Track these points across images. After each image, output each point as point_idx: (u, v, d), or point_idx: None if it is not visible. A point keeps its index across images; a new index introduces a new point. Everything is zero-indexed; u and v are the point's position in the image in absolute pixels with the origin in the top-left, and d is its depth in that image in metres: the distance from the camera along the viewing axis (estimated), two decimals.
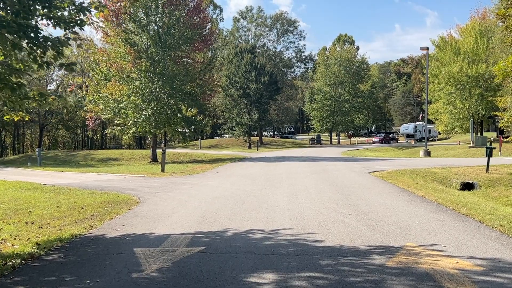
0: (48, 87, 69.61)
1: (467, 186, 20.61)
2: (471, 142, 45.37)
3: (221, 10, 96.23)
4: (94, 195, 14.75)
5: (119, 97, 34.29)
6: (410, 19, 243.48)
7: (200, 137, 75.51)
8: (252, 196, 13.51)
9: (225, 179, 18.99)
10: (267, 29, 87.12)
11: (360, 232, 8.56)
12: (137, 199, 13.57)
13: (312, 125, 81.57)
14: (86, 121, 45.68)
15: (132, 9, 34.09)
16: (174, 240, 8.02)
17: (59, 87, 49.30)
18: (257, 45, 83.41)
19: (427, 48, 38.02)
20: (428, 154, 36.59)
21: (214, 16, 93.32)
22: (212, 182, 17.85)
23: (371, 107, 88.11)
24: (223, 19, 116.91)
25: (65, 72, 68.88)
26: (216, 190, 15.19)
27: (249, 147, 64.33)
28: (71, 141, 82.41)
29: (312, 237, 8.12)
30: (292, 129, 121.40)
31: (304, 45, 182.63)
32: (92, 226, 9.50)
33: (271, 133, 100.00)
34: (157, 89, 34.65)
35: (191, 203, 12.39)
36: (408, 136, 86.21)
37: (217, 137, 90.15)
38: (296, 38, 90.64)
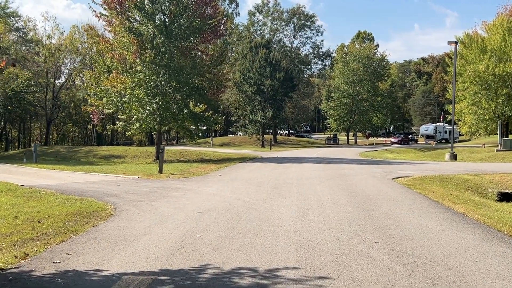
0: (57, 80, 67.86)
1: (505, 197, 17.93)
2: (499, 145, 42.26)
3: (237, 5, 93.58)
4: (66, 203, 12.36)
5: (122, 90, 32.01)
6: (429, 19, 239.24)
7: (212, 135, 73.24)
8: (253, 210, 10.96)
9: (226, 185, 16.44)
10: (283, 23, 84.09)
11: (395, 276, 5.96)
12: (112, 210, 11.13)
13: (328, 124, 78.94)
14: (91, 115, 43.57)
15: None
16: (123, 287, 5.51)
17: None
18: (273, 40, 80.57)
19: (456, 43, 35.11)
20: (454, 157, 33.71)
21: (230, 11, 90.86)
22: (210, 188, 15.32)
23: (390, 107, 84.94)
24: (239, 13, 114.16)
25: (75, 64, 67.17)
26: (211, 200, 12.66)
27: (262, 145, 61.78)
28: (80, 136, 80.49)
29: (325, 286, 5.56)
30: (308, 128, 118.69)
31: (322, 41, 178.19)
32: (27, 254, 7.02)
33: (286, 132, 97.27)
34: (163, 83, 32.28)
35: (174, 219, 9.88)
36: (428, 137, 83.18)
37: (231, 135, 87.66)
38: (313, 34, 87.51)
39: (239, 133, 78.03)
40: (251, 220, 9.68)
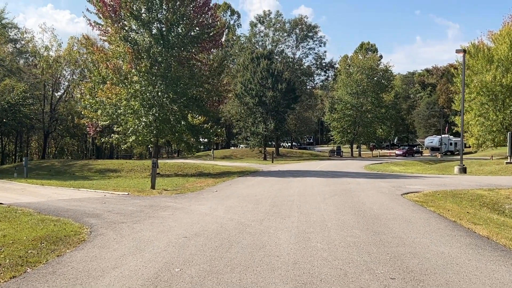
0: (56, 93, 66.86)
1: None
2: (508, 157, 40.80)
3: (238, 16, 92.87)
4: (39, 225, 10.99)
5: (117, 102, 30.78)
6: (432, 32, 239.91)
7: (213, 147, 72.00)
8: (247, 234, 9.58)
9: (220, 202, 15.04)
10: (285, 34, 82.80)
11: None
12: (86, 234, 9.76)
13: (332, 136, 77.62)
14: (87, 128, 42.39)
15: (132, 4, 30.61)
16: None
17: None
18: (275, 51, 79.30)
19: (464, 51, 33.68)
20: (463, 170, 32.28)
21: (232, 22, 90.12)
22: (203, 207, 13.93)
23: (394, 119, 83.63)
24: (240, 25, 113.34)
25: (74, 76, 66.12)
26: (202, 221, 11.28)
27: (264, 158, 60.46)
28: (79, 149, 79.18)
29: None
30: (311, 140, 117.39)
31: (325, 51, 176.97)
32: None
33: (289, 144, 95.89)
34: (159, 94, 31.04)
35: (153, 246, 8.50)
36: (433, 149, 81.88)
37: (233, 147, 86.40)
38: (316, 44, 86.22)
39: (241, 145, 76.83)
40: (244, 248, 8.30)
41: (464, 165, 33.43)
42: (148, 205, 14.37)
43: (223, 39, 37.04)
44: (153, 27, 31.43)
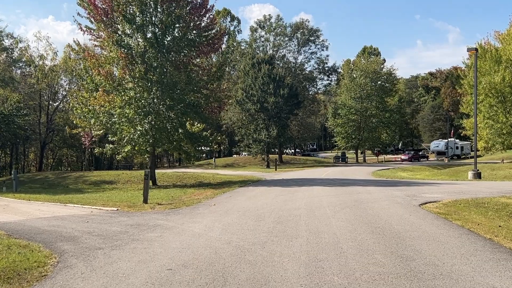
0: (55, 103, 65.38)
1: None
2: None
3: (239, 22, 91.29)
4: (3, 252, 9.28)
5: (110, 109, 29.16)
6: (432, 36, 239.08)
7: (215, 155, 70.49)
8: (246, 263, 7.85)
9: (217, 219, 13.27)
10: (286, 38, 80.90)
11: None
12: (52, 265, 8.06)
13: (336, 142, 75.90)
14: (82, 138, 40.86)
15: (125, 6, 29.02)
16: None
17: None
18: (276, 56, 77.46)
19: (476, 50, 31.93)
20: (478, 176, 30.48)
21: (232, 28, 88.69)
22: (197, 226, 12.18)
23: (399, 123, 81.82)
24: (240, 31, 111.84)
25: (71, 85, 64.62)
26: (193, 245, 9.53)
27: (267, 166, 58.72)
28: (78, 160, 77.51)
29: None
30: (315, 146, 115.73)
31: (327, 56, 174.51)
32: None
33: (292, 151, 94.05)
34: (155, 100, 29.43)
35: (127, 285, 6.77)
36: (439, 153, 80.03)
37: (235, 155, 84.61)
38: (318, 48, 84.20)
39: (244, 153, 75.11)
40: (241, 285, 6.58)
41: (478, 170, 31.66)
42: (135, 224, 12.65)
43: (223, 46, 35.41)
44: (147, 31, 29.83)
